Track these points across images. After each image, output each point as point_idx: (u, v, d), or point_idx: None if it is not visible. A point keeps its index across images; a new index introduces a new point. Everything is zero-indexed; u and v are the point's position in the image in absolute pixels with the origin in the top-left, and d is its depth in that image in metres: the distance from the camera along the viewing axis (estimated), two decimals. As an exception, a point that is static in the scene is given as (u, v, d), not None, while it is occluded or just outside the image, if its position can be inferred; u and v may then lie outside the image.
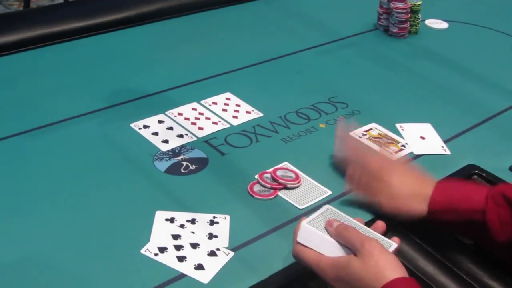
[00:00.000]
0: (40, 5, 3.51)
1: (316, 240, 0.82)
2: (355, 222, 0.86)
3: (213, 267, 0.87)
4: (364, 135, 1.18)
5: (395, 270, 0.77)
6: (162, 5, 1.65)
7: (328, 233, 0.83)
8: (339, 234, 0.82)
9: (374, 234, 0.85)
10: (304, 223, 0.84)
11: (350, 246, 0.81)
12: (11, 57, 1.39)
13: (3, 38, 1.41)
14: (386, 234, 0.96)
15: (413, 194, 0.94)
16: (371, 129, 1.20)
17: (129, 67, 1.39)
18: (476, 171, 1.10)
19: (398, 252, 0.93)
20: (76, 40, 1.48)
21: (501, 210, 0.88)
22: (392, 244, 0.84)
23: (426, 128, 1.22)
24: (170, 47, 1.51)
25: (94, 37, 1.50)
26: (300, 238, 0.83)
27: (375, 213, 0.98)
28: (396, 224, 0.97)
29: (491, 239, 0.89)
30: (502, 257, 0.92)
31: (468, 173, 1.09)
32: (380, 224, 0.88)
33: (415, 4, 1.61)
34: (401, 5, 1.58)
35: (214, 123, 1.19)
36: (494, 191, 0.90)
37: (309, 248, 0.83)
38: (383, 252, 0.79)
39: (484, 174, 1.09)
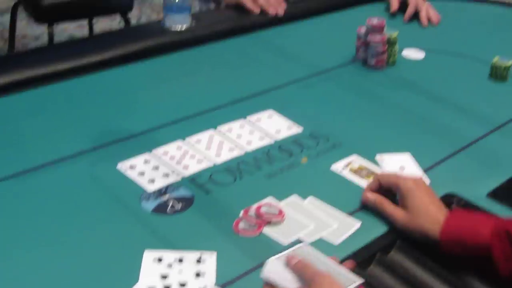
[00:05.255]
0: (25, 44, 3.55)
1: (277, 276, 0.87)
2: (326, 261, 0.90)
3: (201, 305, 0.89)
4: (345, 168, 1.21)
5: None
6: (147, 44, 1.69)
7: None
8: (297, 270, 0.87)
9: (340, 270, 0.88)
10: (271, 258, 0.89)
11: (303, 281, 0.85)
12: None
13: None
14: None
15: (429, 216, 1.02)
16: (351, 162, 1.23)
17: (115, 108, 1.42)
18: (455, 200, 1.13)
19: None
20: (60, 83, 1.49)
21: (505, 246, 0.93)
22: (356, 281, 0.86)
23: (405, 159, 1.25)
24: (154, 86, 1.54)
25: (79, 79, 1.52)
26: (262, 274, 0.89)
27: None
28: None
29: (496, 273, 0.93)
30: None
31: (447, 202, 1.12)
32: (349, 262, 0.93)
33: (391, 36, 1.65)
34: (377, 38, 1.62)
35: (199, 161, 1.22)
36: (499, 227, 0.94)
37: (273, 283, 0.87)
38: (332, 285, 0.82)
39: (462, 203, 1.12)
